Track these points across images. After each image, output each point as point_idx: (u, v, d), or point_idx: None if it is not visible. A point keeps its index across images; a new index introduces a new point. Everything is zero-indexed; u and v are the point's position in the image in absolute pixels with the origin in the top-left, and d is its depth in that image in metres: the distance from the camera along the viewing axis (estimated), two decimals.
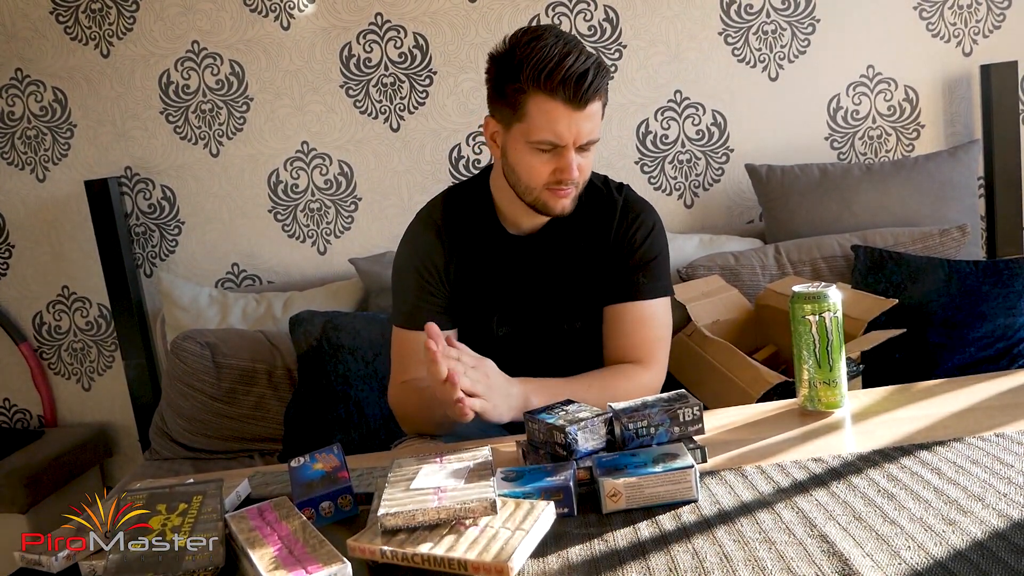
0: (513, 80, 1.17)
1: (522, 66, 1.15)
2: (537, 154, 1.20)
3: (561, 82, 1.13)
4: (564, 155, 1.19)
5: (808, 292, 1.12)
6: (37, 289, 2.48)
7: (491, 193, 1.35)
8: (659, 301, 1.33)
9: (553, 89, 1.14)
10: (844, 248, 1.99)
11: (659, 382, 1.32)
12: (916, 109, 2.30)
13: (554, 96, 1.15)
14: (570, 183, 1.21)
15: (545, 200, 1.24)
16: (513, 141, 1.23)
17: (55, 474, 2.26)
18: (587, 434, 0.99)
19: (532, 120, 1.18)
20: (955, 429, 1.03)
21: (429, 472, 0.94)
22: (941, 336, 1.73)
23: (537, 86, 1.15)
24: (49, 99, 2.38)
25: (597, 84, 1.16)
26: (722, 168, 2.34)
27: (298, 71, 2.33)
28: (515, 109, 1.19)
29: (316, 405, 1.86)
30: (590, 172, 1.28)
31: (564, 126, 1.16)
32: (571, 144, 1.18)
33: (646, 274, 1.32)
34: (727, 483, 0.95)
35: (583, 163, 1.22)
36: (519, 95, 1.17)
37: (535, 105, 1.17)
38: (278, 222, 2.40)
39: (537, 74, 1.14)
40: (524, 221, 1.33)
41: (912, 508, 0.84)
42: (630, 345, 1.31)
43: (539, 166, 1.21)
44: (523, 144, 1.21)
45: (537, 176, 1.22)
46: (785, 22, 2.26)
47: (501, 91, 1.20)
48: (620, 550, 0.83)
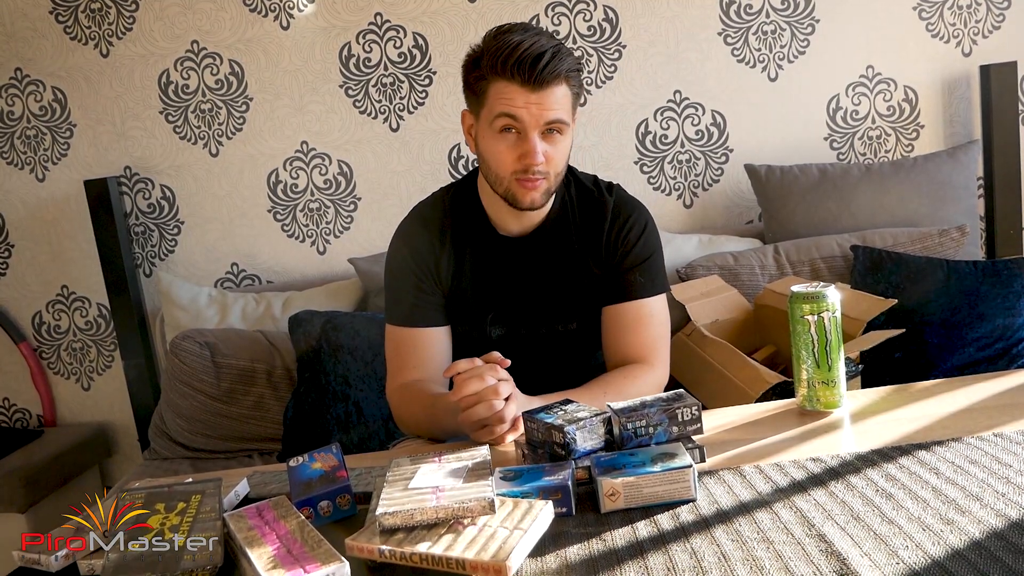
0: (477, 68, 1.22)
1: (484, 54, 1.21)
2: (502, 137, 1.22)
3: (516, 63, 1.17)
4: (527, 139, 1.20)
5: (807, 292, 1.12)
6: (36, 289, 2.48)
7: (480, 196, 1.35)
8: (656, 299, 1.33)
9: (509, 71, 1.18)
10: (843, 248, 1.99)
11: (664, 379, 1.32)
12: (915, 109, 2.30)
13: (511, 79, 1.18)
14: (535, 171, 1.21)
15: (514, 192, 1.24)
16: (481, 130, 1.25)
17: (54, 474, 2.26)
18: (586, 434, 0.99)
19: (492, 102, 1.21)
20: (953, 429, 1.03)
21: (427, 471, 0.94)
22: (940, 336, 1.74)
23: (495, 71, 1.19)
24: (48, 99, 2.38)
25: (554, 66, 1.17)
26: (721, 168, 2.34)
27: (297, 71, 2.33)
28: (479, 96, 1.23)
29: (315, 405, 1.86)
30: (562, 165, 1.26)
31: (521, 104, 1.19)
32: (532, 126, 1.20)
33: (642, 273, 1.32)
34: (725, 483, 0.95)
35: (550, 151, 1.22)
36: (481, 82, 1.22)
37: (494, 89, 1.20)
38: (277, 222, 2.40)
39: (495, 60, 1.19)
40: (511, 223, 1.32)
41: (910, 508, 0.84)
42: (632, 344, 1.31)
43: (504, 151, 1.22)
44: (488, 129, 1.23)
45: (503, 162, 1.22)
46: (784, 22, 2.26)
47: (468, 83, 1.26)
48: (618, 549, 0.83)
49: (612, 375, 1.30)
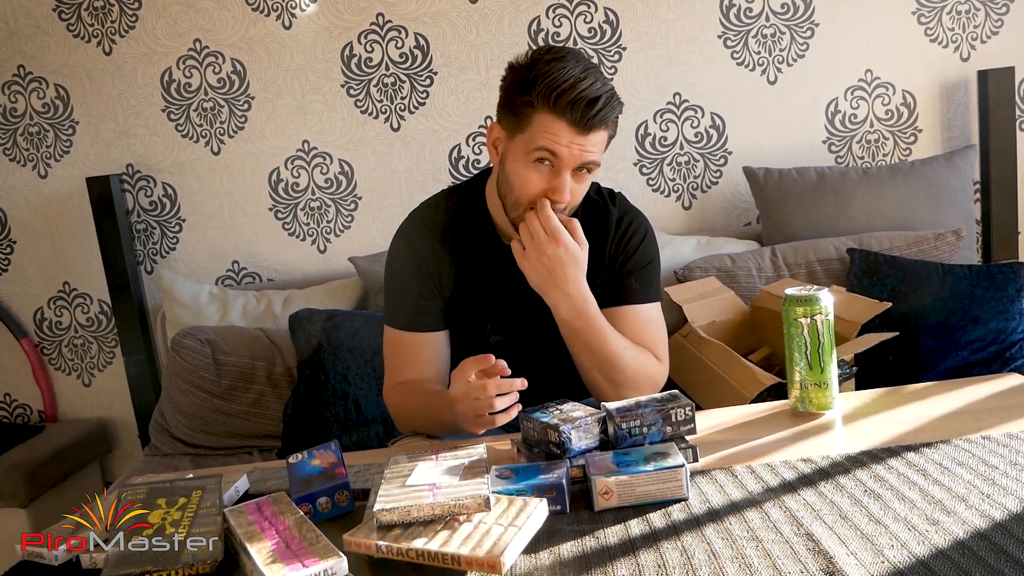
0: (525, 93, 1.18)
1: (536, 81, 1.16)
2: (534, 167, 1.20)
3: (570, 103, 1.14)
4: (559, 175, 1.19)
5: (800, 295, 1.13)
6: (38, 285, 2.50)
7: (487, 202, 1.35)
8: (651, 306, 1.34)
9: (561, 109, 1.15)
10: (840, 251, 2.01)
11: (665, 375, 1.33)
12: (913, 114, 2.31)
13: (560, 116, 1.15)
14: (559, 205, 1.22)
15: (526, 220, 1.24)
16: (513, 151, 1.23)
17: (55, 469, 2.28)
18: (581, 433, 1.01)
19: (534, 132, 1.18)
20: (942, 431, 1.05)
21: (425, 469, 0.95)
22: (934, 339, 1.75)
23: (546, 104, 1.15)
24: (51, 96, 2.39)
25: (605, 113, 1.16)
26: (720, 170, 2.35)
27: (299, 70, 2.34)
28: (521, 120, 1.20)
29: (315, 403, 1.88)
30: (580, 200, 1.26)
31: (564, 143, 1.16)
32: (568, 165, 1.18)
33: (639, 279, 1.33)
34: (717, 482, 0.97)
35: (576, 188, 1.22)
36: (527, 108, 1.18)
37: (540, 121, 1.17)
38: (278, 220, 2.42)
39: (548, 92, 1.15)
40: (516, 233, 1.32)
41: (897, 508, 0.86)
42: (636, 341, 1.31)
43: (534, 179, 1.21)
44: (522, 155, 1.21)
45: (529, 190, 1.21)
46: (784, 26, 2.27)
47: (511, 101, 1.21)
48: (611, 547, 0.84)
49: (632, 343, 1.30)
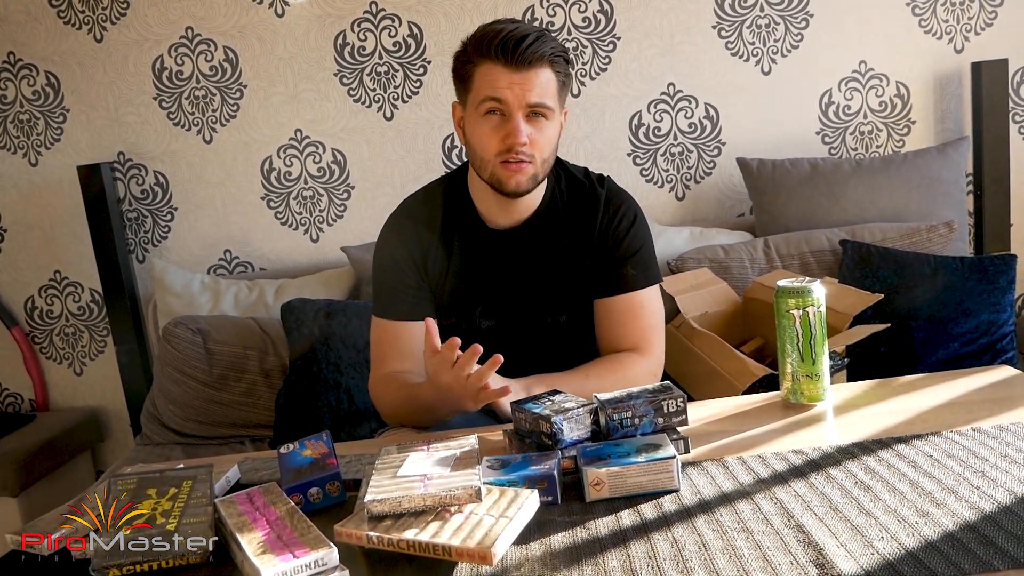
0: (464, 56, 1.26)
1: (470, 43, 1.25)
2: (486, 119, 1.24)
3: (499, 44, 1.20)
4: (511, 120, 1.22)
5: (792, 287, 1.13)
6: (29, 273, 2.48)
7: (469, 189, 1.36)
8: (649, 290, 1.34)
9: (493, 53, 1.21)
10: (832, 243, 2.01)
11: (658, 368, 1.33)
12: (907, 105, 2.31)
13: (495, 60, 1.21)
14: (519, 152, 1.22)
15: (499, 175, 1.25)
16: (468, 116, 1.28)
17: (47, 458, 2.27)
18: (572, 424, 1.01)
19: (477, 86, 1.24)
20: (933, 423, 1.05)
21: (416, 460, 0.95)
22: (926, 331, 1.76)
23: (480, 54, 1.22)
24: (42, 83, 2.37)
25: (537, 47, 1.20)
26: (714, 161, 2.35)
27: (292, 58, 2.32)
28: (466, 82, 1.26)
29: (307, 392, 1.87)
30: (549, 152, 1.27)
31: (504, 84, 1.21)
32: (516, 107, 1.21)
33: (633, 265, 1.33)
34: (708, 474, 0.97)
35: (536, 136, 1.23)
36: (467, 66, 1.25)
37: (480, 72, 1.23)
38: (271, 209, 2.41)
39: (479, 44, 1.22)
40: (501, 216, 1.33)
41: (887, 500, 0.86)
42: (625, 335, 1.32)
43: (488, 132, 1.24)
44: (474, 113, 1.25)
45: (488, 146, 1.24)
46: (779, 16, 2.27)
47: (456, 72, 1.28)
48: (602, 538, 0.84)
49: (600, 361, 1.31)
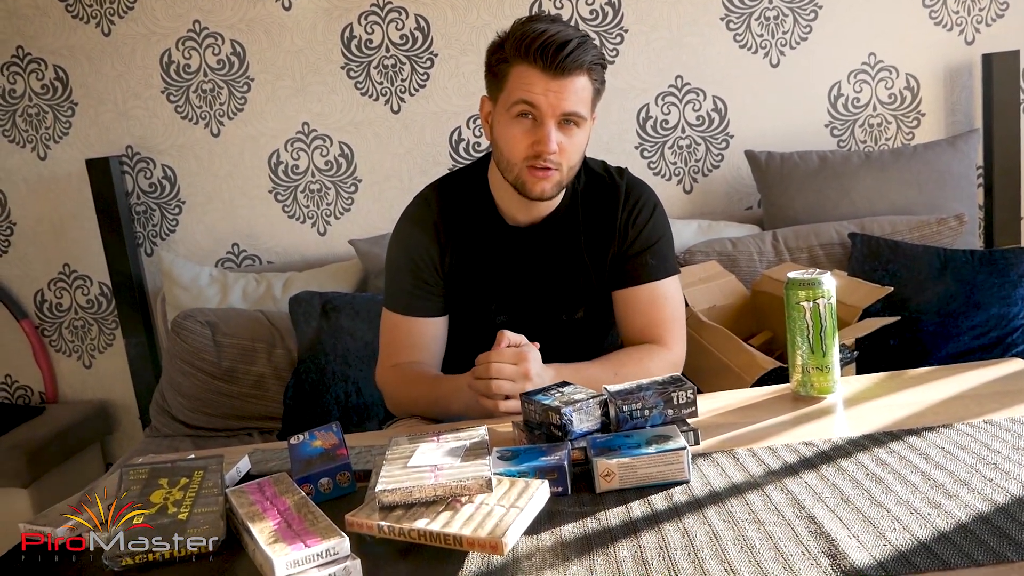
0: (500, 52, 1.22)
1: (508, 38, 1.21)
2: (517, 122, 1.22)
3: (539, 48, 1.17)
4: (543, 126, 1.20)
5: (802, 279, 1.13)
6: (38, 267, 2.49)
7: (489, 184, 1.35)
8: (669, 280, 1.34)
9: (532, 56, 1.18)
10: (841, 236, 2.00)
11: (680, 360, 1.33)
12: (917, 97, 2.30)
13: (533, 63, 1.18)
14: (548, 160, 1.21)
15: (524, 180, 1.24)
16: (498, 113, 1.25)
17: (56, 450, 2.29)
18: (582, 415, 1.01)
19: (511, 86, 1.21)
20: (944, 415, 1.05)
21: (426, 450, 0.95)
22: (936, 324, 1.75)
23: (518, 55, 1.19)
24: (50, 77, 2.38)
25: (577, 55, 1.17)
26: (722, 154, 2.34)
27: (299, 52, 2.32)
28: (500, 80, 1.24)
29: (315, 385, 1.88)
30: (576, 159, 1.26)
31: (540, 90, 1.18)
32: (549, 114, 1.19)
33: (653, 255, 1.33)
34: (719, 465, 0.97)
35: (565, 143, 1.22)
36: (503, 65, 1.22)
37: (516, 72, 1.20)
38: (278, 203, 2.41)
39: (518, 44, 1.19)
40: (520, 214, 1.32)
41: (899, 491, 0.86)
42: (647, 325, 1.32)
43: (519, 135, 1.22)
44: (505, 113, 1.23)
45: (516, 147, 1.22)
46: (787, 8, 2.25)
47: (490, 66, 1.25)
48: (612, 528, 0.84)
49: (625, 353, 1.30)
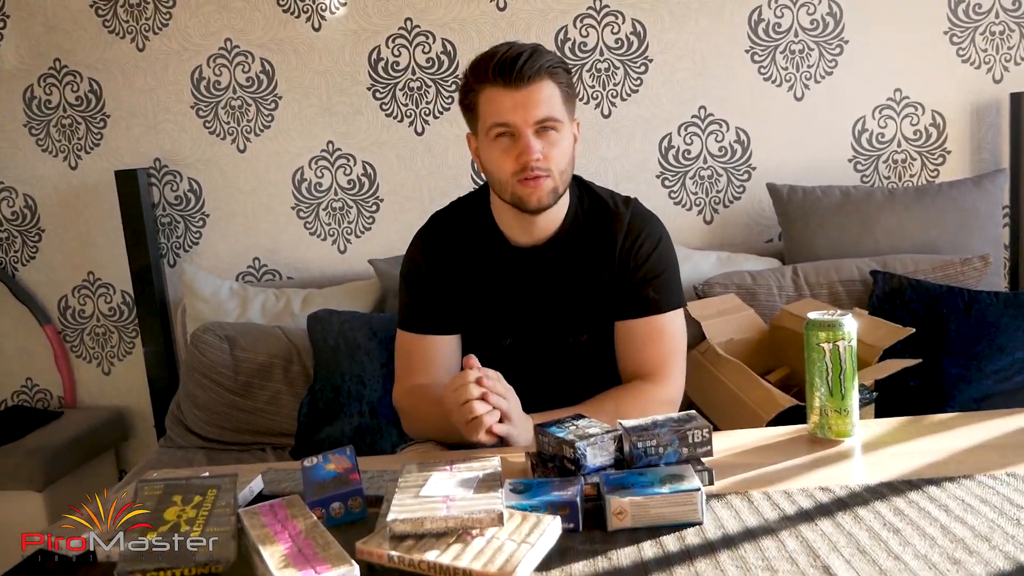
0: (466, 86, 1.28)
1: (469, 72, 1.27)
2: (497, 144, 1.25)
3: (496, 67, 1.21)
4: (521, 138, 1.23)
5: (823, 320, 1.12)
6: (64, 273, 2.53)
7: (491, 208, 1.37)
8: (670, 315, 1.33)
9: (492, 77, 1.22)
10: (863, 273, 1.98)
11: (675, 395, 1.32)
12: (943, 135, 2.28)
13: (494, 83, 1.22)
14: (535, 168, 1.22)
15: (519, 194, 1.25)
16: (481, 143, 1.29)
17: (72, 455, 2.30)
18: (596, 450, 1.00)
19: (483, 113, 1.25)
20: (966, 466, 1.03)
21: (439, 480, 0.95)
22: (958, 367, 1.72)
23: (480, 80, 1.24)
24: (85, 89, 2.42)
25: (533, 61, 1.21)
26: (743, 186, 2.34)
27: (327, 72, 2.35)
28: (473, 111, 1.28)
29: (330, 403, 1.88)
30: (564, 163, 1.27)
31: (508, 107, 1.22)
32: (523, 125, 1.22)
33: (655, 289, 1.32)
34: (733, 507, 0.96)
35: (548, 150, 1.24)
36: (471, 95, 1.27)
37: (483, 98, 1.25)
38: (300, 219, 2.43)
39: (477, 70, 1.25)
40: (522, 235, 1.33)
41: (917, 544, 0.84)
42: (643, 360, 1.32)
43: (502, 156, 1.25)
44: (485, 139, 1.26)
45: (503, 168, 1.25)
46: (813, 42, 2.26)
47: (462, 103, 1.30)
48: (623, 569, 0.83)
49: (613, 392, 1.31)
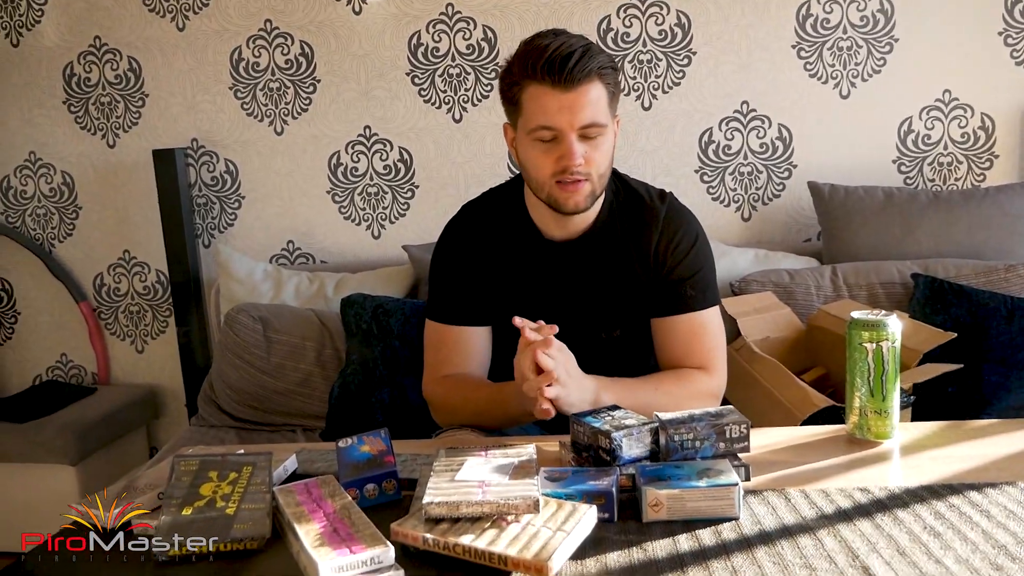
0: (510, 77, 1.21)
1: (515, 61, 1.20)
2: (538, 144, 1.20)
3: (545, 65, 1.15)
4: (563, 141, 1.18)
5: (867, 319, 1.10)
6: (100, 251, 2.57)
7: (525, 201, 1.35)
8: (709, 311, 1.32)
9: (540, 74, 1.16)
10: (903, 275, 1.95)
11: (722, 388, 1.31)
12: (991, 138, 2.23)
13: (542, 82, 1.16)
14: (575, 172, 1.19)
15: (556, 196, 1.22)
16: (520, 138, 1.24)
17: (104, 431, 2.34)
18: (632, 441, 0.99)
19: (527, 110, 1.20)
20: (1008, 472, 1.01)
21: (474, 465, 0.95)
22: (998, 375, 1.69)
23: (526, 75, 1.18)
24: (124, 68, 2.45)
25: (584, 64, 1.15)
26: (783, 183, 2.30)
27: (366, 56, 2.36)
28: (515, 105, 1.22)
29: (361, 387, 1.89)
30: (605, 166, 1.23)
31: (555, 109, 1.16)
32: (567, 129, 1.17)
33: (693, 286, 1.30)
34: (769, 504, 0.94)
35: (590, 153, 1.20)
36: (515, 89, 1.21)
37: (528, 95, 1.19)
38: (335, 204, 2.44)
39: (524, 64, 1.18)
40: (556, 229, 1.32)
41: (958, 549, 0.83)
42: (688, 355, 1.30)
43: (542, 157, 1.21)
44: (526, 138, 1.22)
45: (543, 168, 1.21)
46: (862, 39, 2.21)
47: (504, 91, 1.24)
48: (658, 560, 0.83)
49: (671, 373, 1.29)
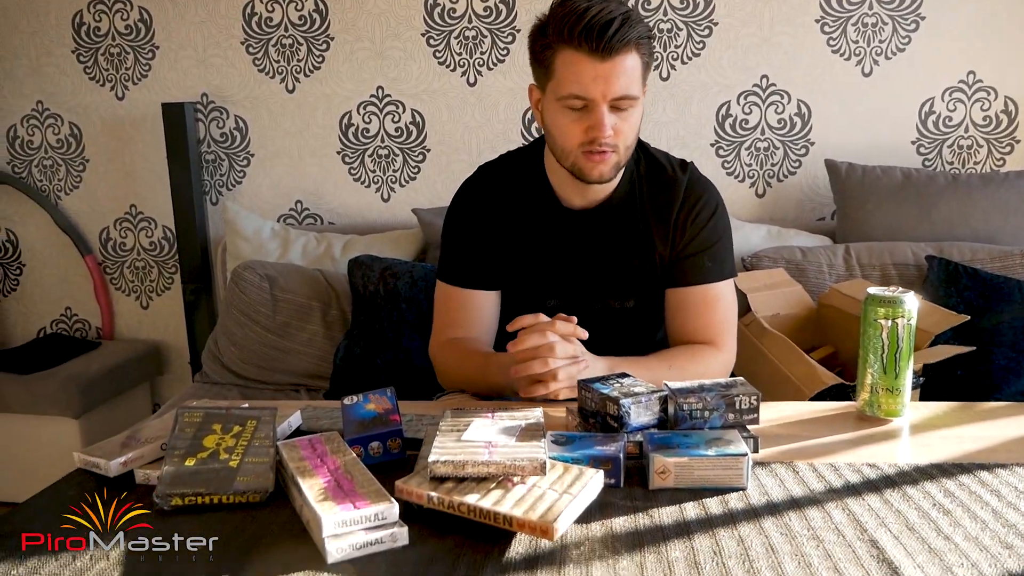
0: (543, 36, 1.16)
1: (550, 21, 1.15)
2: (568, 112, 1.17)
3: (583, 31, 1.10)
4: (594, 112, 1.15)
5: (884, 295, 1.08)
6: (107, 205, 2.55)
7: (545, 167, 1.32)
8: (724, 283, 1.31)
9: (577, 40, 1.11)
10: (918, 257, 1.93)
11: (731, 362, 1.30)
12: (1014, 123, 2.19)
13: (578, 48, 1.12)
14: (603, 144, 1.16)
15: (581, 165, 1.19)
16: (547, 102, 1.20)
17: (108, 385, 2.35)
18: (640, 409, 0.98)
19: (559, 76, 1.16)
20: (1019, 454, 1.00)
21: (481, 426, 0.94)
22: (1008, 359, 1.67)
23: (561, 40, 1.13)
24: (135, 18, 2.42)
25: (623, 33, 1.11)
26: (800, 160, 2.27)
27: (381, 15, 2.32)
28: (546, 67, 1.18)
29: (366, 348, 1.89)
30: (632, 138, 1.21)
31: (589, 78, 1.12)
32: (600, 100, 1.14)
33: (710, 257, 1.29)
34: (777, 476, 0.94)
35: (620, 125, 1.17)
36: (548, 52, 1.16)
37: (561, 60, 1.15)
38: (345, 164, 2.42)
39: (560, 27, 1.13)
40: (576, 197, 1.29)
41: (968, 526, 0.82)
42: (699, 328, 1.29)
43: (570, 125, 1.17)
44: (555, 103, 1.18)
45: (570, 137, 1.18)
46: (888, 16, 2.17)
47: (535, 52, 1.20)
48: (665, 527, 0.82)
49: (679, 350, 1.28)
